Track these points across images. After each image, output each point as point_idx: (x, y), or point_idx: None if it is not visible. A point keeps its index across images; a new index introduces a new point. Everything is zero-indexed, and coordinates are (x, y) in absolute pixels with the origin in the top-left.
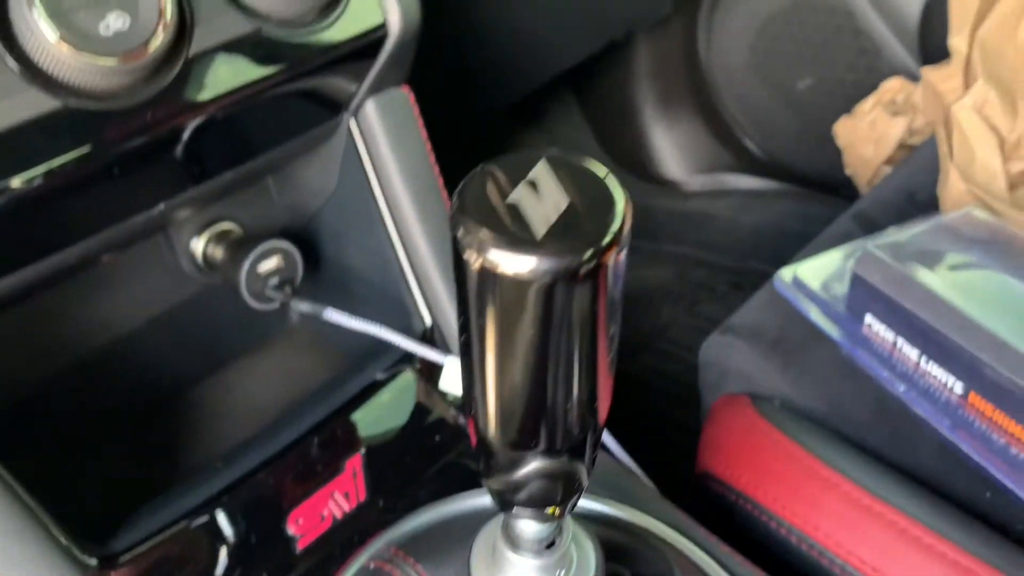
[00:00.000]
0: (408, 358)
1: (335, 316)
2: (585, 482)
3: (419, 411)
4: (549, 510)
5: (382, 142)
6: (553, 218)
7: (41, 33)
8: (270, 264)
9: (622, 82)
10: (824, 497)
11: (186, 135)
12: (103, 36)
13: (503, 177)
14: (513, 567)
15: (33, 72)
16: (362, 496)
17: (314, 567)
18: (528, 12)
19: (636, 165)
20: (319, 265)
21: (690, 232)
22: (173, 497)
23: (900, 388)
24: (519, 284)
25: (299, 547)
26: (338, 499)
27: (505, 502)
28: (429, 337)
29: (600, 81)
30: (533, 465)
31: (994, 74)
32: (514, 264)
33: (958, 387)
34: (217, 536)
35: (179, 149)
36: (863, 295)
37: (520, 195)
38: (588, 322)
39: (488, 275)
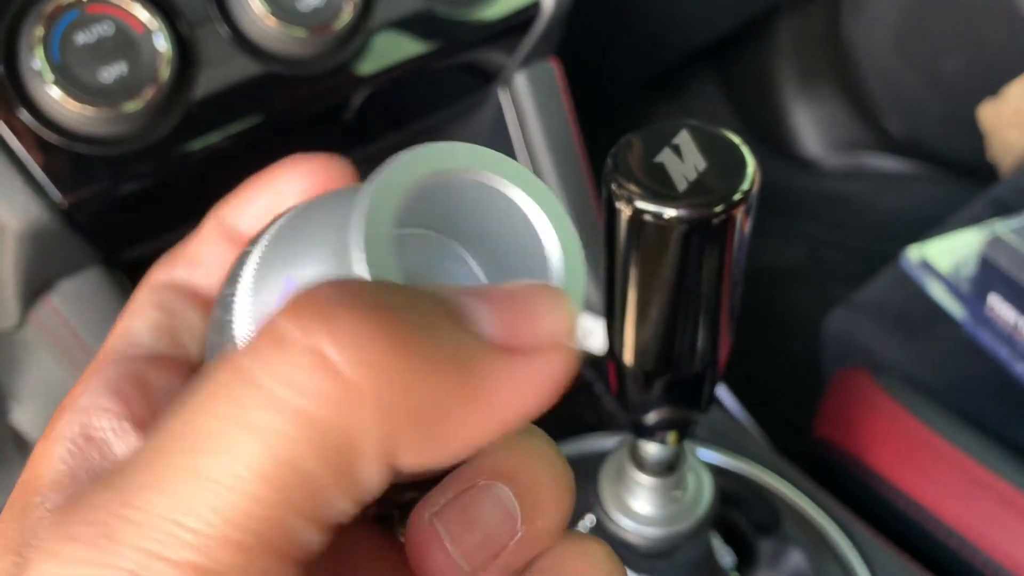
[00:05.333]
0: None
1: None
2: (698, 415)
3: None
4: (670, 437)
5: (528, 112)
6: (692, 177)
7: (251, 7)
8: None
9: (762, 58)
10: (935, 466)
11: (361, 100)
12: (301, 11)
13: (649, 142)
14: (637, 485)
15: (241, 41)
16: None
17: None
18: None
19: (774, 142)
20: None
21: (825, 212)
22: None
23: (1019, 367)
24: (660, 231)
25: None
26: None
27: (638, 428)
28: None
29: (740, 56)
30: (660, 399)
31: None
32: (657, 213)
33: None
34: None
35: (354, 112)
36: (989, 277)
37: (665, 157)
38: (715, 267)
39: (635, 223)
